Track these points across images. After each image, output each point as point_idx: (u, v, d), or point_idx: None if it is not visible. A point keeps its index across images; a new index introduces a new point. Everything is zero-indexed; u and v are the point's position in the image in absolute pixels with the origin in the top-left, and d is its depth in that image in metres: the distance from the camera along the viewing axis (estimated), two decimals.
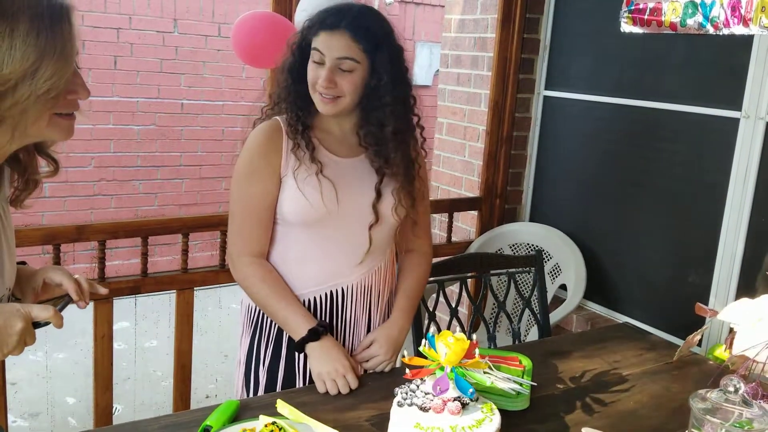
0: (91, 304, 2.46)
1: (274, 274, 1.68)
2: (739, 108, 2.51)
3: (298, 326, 1.63)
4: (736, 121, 2.52)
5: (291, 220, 1.67)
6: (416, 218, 1.78)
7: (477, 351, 1.37)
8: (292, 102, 1.66)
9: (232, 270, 1.71)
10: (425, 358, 1.35)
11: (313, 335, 1.61)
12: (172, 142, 5.55)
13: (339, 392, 1.56)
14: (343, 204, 1.65)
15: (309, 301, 1.70)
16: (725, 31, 2.39)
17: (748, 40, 2.44)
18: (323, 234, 1.68)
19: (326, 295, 1.71)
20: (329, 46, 1.58)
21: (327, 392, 1.56)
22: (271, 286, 1.66)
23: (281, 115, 1.70)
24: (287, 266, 1.71)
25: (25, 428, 3.31)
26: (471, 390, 1.31)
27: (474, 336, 1.40)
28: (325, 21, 1.60)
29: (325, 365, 1.59)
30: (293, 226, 1.68)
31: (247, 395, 1.76)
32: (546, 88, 3.30)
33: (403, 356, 1.41)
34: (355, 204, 1.68)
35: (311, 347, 1.61)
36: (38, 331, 1.14)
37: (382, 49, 1.61)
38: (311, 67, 1.61)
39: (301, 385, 1.72)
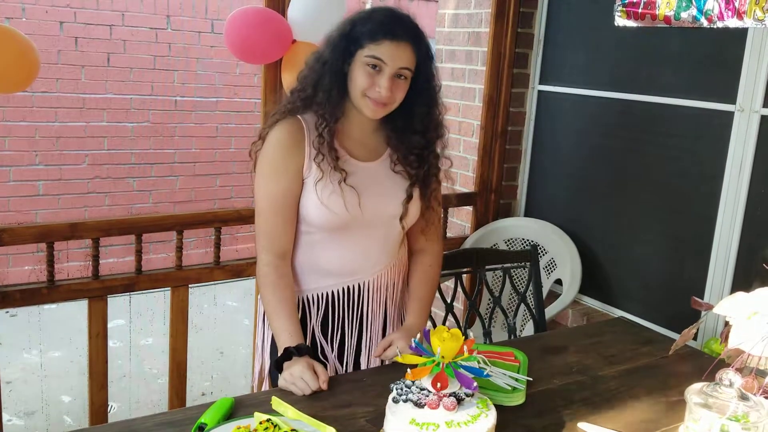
0: (86, 302, 2.46)
1: (284, 281, 1.68)
2: (733, 101, 2.50)
3: (281, 343, 1.62)
4: (731, 114, 2.52)
5: (314, 225, 1.69)
6: (429, 218, 1.80)
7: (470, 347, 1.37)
8: (331, 107, 1.64)
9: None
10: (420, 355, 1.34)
11: (286, 356, 1.59)
12: (165, 139, 5.53)
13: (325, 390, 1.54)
14: (366, 208, 1.68)
15: (327, 294, 1.74)
16: (719, 24, 2.39)
17: (742, 33, 2.44)
18: (345, 236, 1.70)
19: (344, 290, 1.74)
20: (394, 56, 1.60)
21: (320, 390, 1.54)
22: (276, 294, 1.66)
23: (303, 115, 1.68)
24: (308, 261, 1.74)
25: (21, 427, 3.30)
26: (486, 372, 1.31)
27: (470, 333, 1.39)
28: (391, 31, 1.60)
29: (284, 380, 1.56)
30: (316, 227, 1.70)
31: (271, 384, 1.80)
32: (540, 83, 3.29)
33: (398, 355, 1.41)
34: (377, 207, 1.70)
35: (285, 366, 1.59)
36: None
37: (430, 61, 1.69)
38: (364, 73, 1.60)
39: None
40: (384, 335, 1.81)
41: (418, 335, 1.37)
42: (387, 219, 1.72)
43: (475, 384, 1.27)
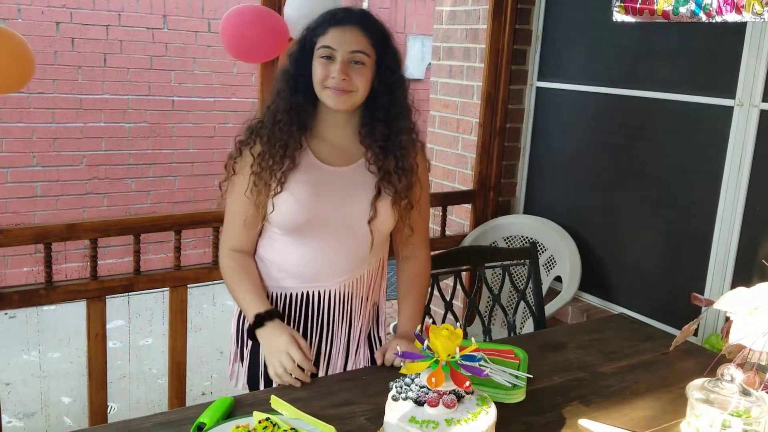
0: (84, 303, 2.45)
1: (243, 265, 1.72)
2: (732, 96, 2.50)
3: (250, 312, 1.66)
4: (730, 109, 2.51)
5: (273, 223, 1.69)
6: (412, 225, 1.75)
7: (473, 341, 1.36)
8: (294, 114, 1.65)
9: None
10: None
11: (258, 321, 1.62)
12: (163, 139, 5.52)
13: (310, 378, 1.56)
14: (327, 212, 1.66)
15: (285, 295, 1.73)
16: (718, 19, 2.38)
17: (740, 27, 2.43)
18: (307, 239, 1.68)
19: (303, 294, 1.72)
20: (341, 40, 1.60)
21: (309, 383, 1.55)
22: (237, 275, 1.71)
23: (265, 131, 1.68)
24: (272, 261, 1.74)
25: (20, 428, 3.29)
26: (485, 372, 1.32)
27: (473, 340, 1.37)
28: (335, 17, 1.62)
29: (268, 346, 1.60)
30: (279, 229, 1.70)
31: (238, 371, 1.81)
32: (538, 79, 3.29)
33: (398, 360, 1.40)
34: (339, 210, 1.67)
35: (259, 334, 1.63)
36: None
37: (388, 47, 1.66)
38: (319, 65, 1.61)
39: None
40: (348, 348, 1.79)
41: (426, 342, 1.34)
42: (352, 223, 1.68)
43: (485, 371, 1.27)
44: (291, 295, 1.73)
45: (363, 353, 1.81)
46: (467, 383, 1.25)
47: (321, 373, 1.76)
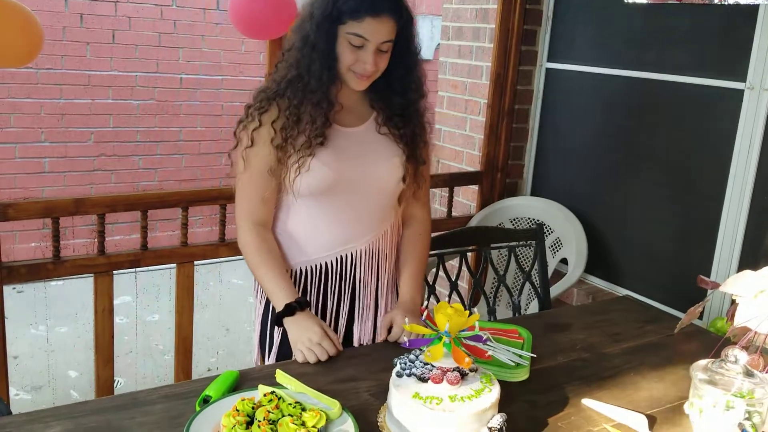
0: (91, 278, 2.46)
1: (268, 245, 1.71)
2: (743, 79, 2.48)
3: (278, 299, 1.66)
4: (741, 92, 2.49)
5: (301, 193, 1.68)
6: (419, 180, 1.79)
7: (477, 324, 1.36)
8: (326, 90, 1.64)
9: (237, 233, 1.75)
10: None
11: (288, 310, 1.64)
12: (171, 116, 5.52)
13: (320, 360, 1.57)
14: (350, 172, 1.68)
15: (321, 265, 1.75)
16: (730, 1, 2.36)
17: (753, 9, 2.41)
18: (334, 203, 1.71)
19: (337, 259, 1.75)
20: (375, 32, 1.59)
21: (315, 362, 1.56)
22: (263, 256, 1.69)
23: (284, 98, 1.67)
24: (300, 234, 1.75)
25: (28, 401, 3.33)
26: (485, 338, 1.34)
27: (475, 310, 1.38)
28: (372, 7, 1.58)
29: (299, 335, 1.62)
30: (303, 197, 1.69)
31: (263, 354, 1.82)
32: (548, 60, 3.26)
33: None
34: (362, 170, 1.70)
35: (287, 321, 1.65)
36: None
37: (410, 28, 1.68)
38: (348, 50, 1.61)
39: None
40: (377, 303, 1.82)
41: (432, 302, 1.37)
42: (374, 182, 1.72)
43: (485, 337, 1.28)
44: (325, 264, 1.75)
45: (390, 305, 1.84)
46: (488, 353, 1.28)
47: (355, 332, 1.81)
